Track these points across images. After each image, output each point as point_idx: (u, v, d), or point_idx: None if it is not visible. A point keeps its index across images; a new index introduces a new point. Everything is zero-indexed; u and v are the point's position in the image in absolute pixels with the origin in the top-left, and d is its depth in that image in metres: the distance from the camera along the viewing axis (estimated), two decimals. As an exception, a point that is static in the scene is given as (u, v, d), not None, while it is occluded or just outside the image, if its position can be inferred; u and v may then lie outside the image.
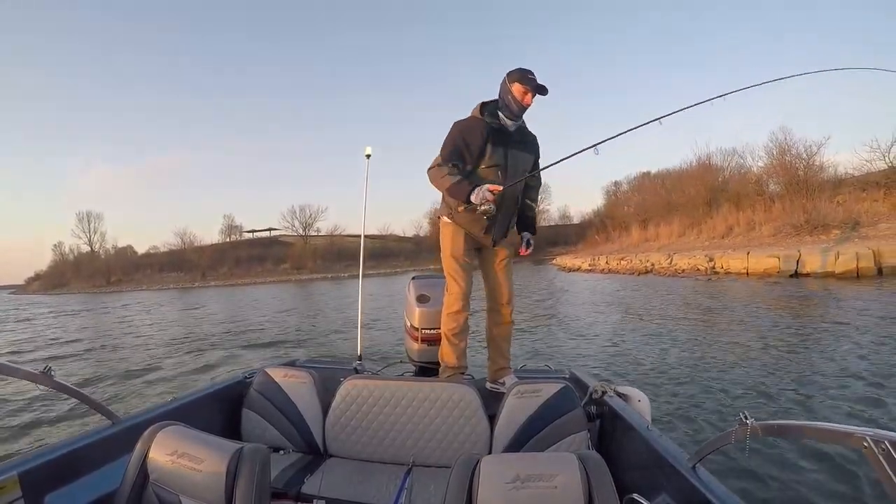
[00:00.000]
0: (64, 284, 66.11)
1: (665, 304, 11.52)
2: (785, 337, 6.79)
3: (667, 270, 20.91)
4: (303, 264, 64.34)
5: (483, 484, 1.09)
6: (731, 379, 4.90)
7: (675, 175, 39.28)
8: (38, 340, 12.59)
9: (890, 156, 22.64)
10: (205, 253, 68.24)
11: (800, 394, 4.32)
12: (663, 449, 1.50)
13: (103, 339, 12.07)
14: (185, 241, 71.67)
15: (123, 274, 66.76)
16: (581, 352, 6.94)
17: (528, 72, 2.15)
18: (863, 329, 6.80)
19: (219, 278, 62.37)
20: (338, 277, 52.36)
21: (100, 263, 68.73)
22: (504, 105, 2.20)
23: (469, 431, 1.92)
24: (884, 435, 0.78)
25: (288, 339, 10.26)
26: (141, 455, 1.26)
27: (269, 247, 71.50)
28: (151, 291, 50.95)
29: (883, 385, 4.33)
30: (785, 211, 22.67)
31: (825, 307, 9.11)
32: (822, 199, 21.70)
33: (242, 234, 78.09)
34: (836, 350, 5.76)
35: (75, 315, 21.27)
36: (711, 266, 18.56)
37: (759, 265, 16.04)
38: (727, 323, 8.36)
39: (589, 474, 1.09)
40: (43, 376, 1.37)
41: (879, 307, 8.42)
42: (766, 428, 1.05)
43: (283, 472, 1.86)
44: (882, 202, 19.99)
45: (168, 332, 12.59)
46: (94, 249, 71.90)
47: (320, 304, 19.63)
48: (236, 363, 7.70)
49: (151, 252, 74.10)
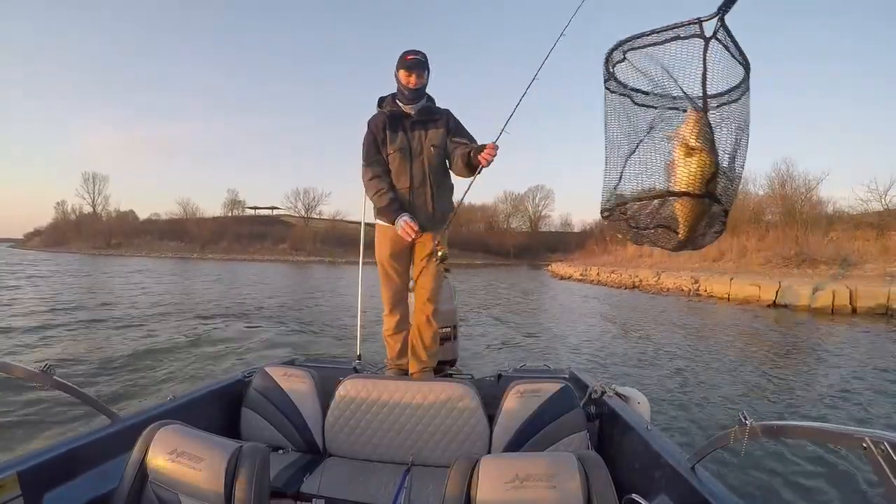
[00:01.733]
0: (64, 243, 66.72)
1: (640, 317, 11.90)
2: (741, 357, 7.15)
3: (653, 287, 21.23)
4: (302, 246, 64.70)
5: (482, 483, 1.09)
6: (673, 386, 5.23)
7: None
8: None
9: (886, 198, 22.95)
10: (206, 225, 68.82)
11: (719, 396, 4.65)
12: (662, 449, 1.50)
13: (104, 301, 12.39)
14: (187, 211, 72.59)
15: (124, 238, 67.31)
16: (544, 346, 7.28)
17: (406, 53, 2.26)
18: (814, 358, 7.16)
19: (217, 252, 62.81)
20: (335, 262, 52.66)
21: (101, 225, 69.58)
22: (399, 93, 2.34)
23: (468, 431, 1.91)
24: (883, 435, 0.78)
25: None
26: (140, 454, 1.26)
27: (270, 225, 71.83)
28: (150, 258, 51.37)
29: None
30: (778, 241, 22.91)
31: (789, 337, 9.46)
32: (816, 234, 21.96)
33: (245, 210, 78.56)
34: (779, 373, 6.10)
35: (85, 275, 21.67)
36: (696, 288, 18.85)
37: (740, 292, 16.32)
38: (694, 338, 8.72)
39: (588, 474, 1.09)
40: (43, 375, 1.36)
41: (836, 343, 8.76)
42: (765, 428, 1.05)
43: (283, 471, 1.85)
44: (873, 243, 20.24)
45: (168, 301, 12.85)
46: (97, 211, 72.81)
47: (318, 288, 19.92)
48: (235, 354, 7.54)
49: (153, 218, 74.94)
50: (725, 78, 1.38)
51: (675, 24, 1.34)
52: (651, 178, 1.46)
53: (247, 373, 2.34)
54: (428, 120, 2.38)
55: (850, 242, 20.50)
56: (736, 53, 1.35)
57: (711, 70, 1.35)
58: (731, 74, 1.38)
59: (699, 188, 1.35)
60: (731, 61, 1.36)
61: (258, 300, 14.60)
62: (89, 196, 72.69)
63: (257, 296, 15.89)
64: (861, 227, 21.87)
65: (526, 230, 72.80)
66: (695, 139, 1.33)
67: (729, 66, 1.37)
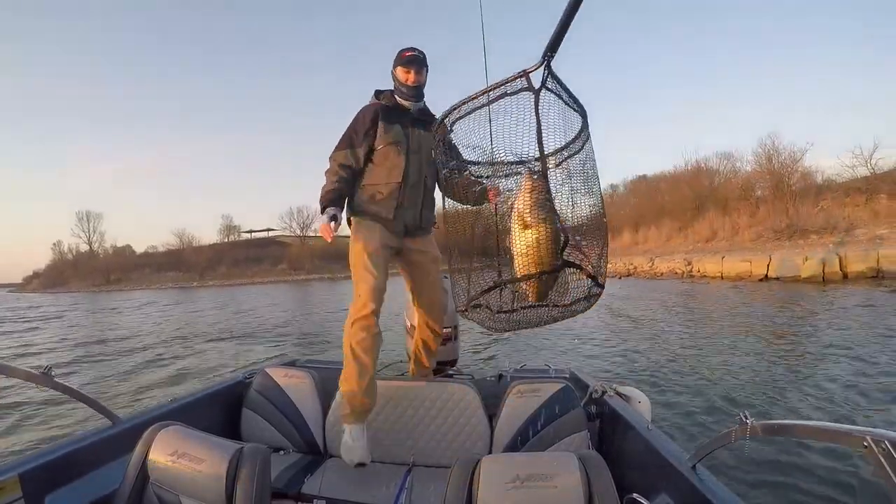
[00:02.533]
0: (63, 283, 66.75)
1: (632, 300, 11.83)
2: (723, 331, 7.18)
3: (647, 273, 21.29)
4: (300, 265, 64.76)
5: (483, 484, 1.09)
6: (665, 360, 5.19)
7: (670, 179, 39.42)
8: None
9: (871, 162, 22.97)
10: (203, 253, 68.88)
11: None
12: (663, 449, 1.50)
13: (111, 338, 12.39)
14: (183, 240, 72.41)
15: (122, 273, 67.35)
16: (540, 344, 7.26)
17: (403, 51, 2.12)
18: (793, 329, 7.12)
19: (217, 278, 62.92)
20: (335, 278, 52.66)
21: (99, 263, 69.54)
22: (397, 90, 2.16)
23: (469, 431, 1.92)
24: (884, 434, 0.78)
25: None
26: (141, 455, 1.26)
27: (266, 247, 71.96)
28: (151, 291, 51.37)
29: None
30: (769, 215, 22.93)
31: (777, 308, 9.45)
32: (806, 205, 21.96)
33: (240, 235, 78.68)
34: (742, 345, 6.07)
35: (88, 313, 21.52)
36: (689, 269, 18.88)
37: (732, 269, 16.33)
38: (685, 318, 8.73)
39: (589, 474, 1.08)
40: (43, 377, 1.36)
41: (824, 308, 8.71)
42: (765, 427, 1.05)
43: (284, 472, 1.85)
44: (863, 208, 20.24)
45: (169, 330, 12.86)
46: (94, 249, 72.77)
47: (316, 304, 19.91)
48: (236, 361, 7.68)
49: (150, 252, 74.86)
50: (563, 130, 1.27)
51: (503, 81, 1.23)
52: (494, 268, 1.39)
53: (247, 374, 2.34)
54: (428, 122, 2.14)
55: (841, 209, 20.51)
56: (570, 101, 1.26)
57: (547, 124, 1.22)
58: (569, 124, 1.27)
59: (547, 265, 1.24)
60: (567, 110, 1.26)
61: (264, 320, 14.52)
62: (84, 234, 72.60)
63: (267, 316, 15.82)
64: (851, 193, 21.87)
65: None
66: (528, 213, 1.21)
67: (565, 115, 1.26)
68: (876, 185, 21.19)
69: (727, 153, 32.98)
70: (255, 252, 70.00)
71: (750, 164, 28.73)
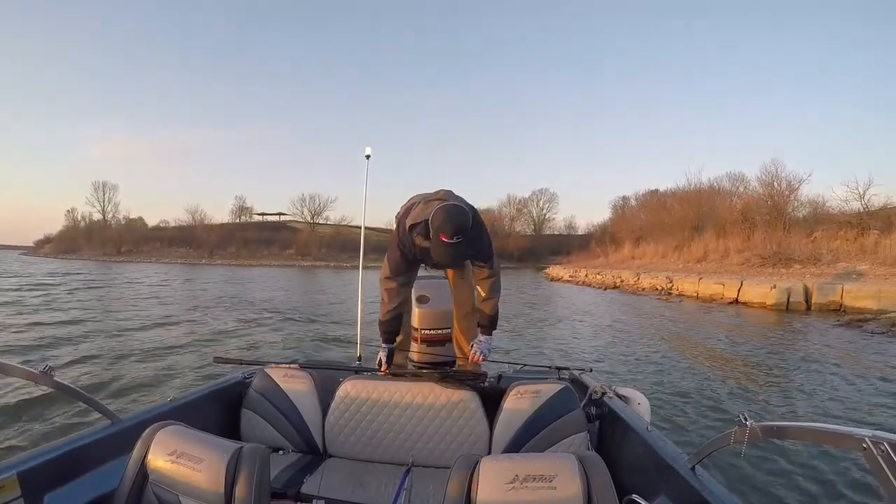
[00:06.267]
0: (75, 250, 68.55)
1: (604, 311, 12.46)
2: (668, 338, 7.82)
3: (631, 287, 21.76)
4: (308, 251, 65.77)
5: (482, 484, 1.09)
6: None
7: (678, 196, 39.40)
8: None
9: (865, 198, 23.06)
10: (214, 231, 70.07)
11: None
12: (663, 450, 1.51)
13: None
14: (195, 217, 73.73)
15: (133, 245, 68.96)
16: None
17: (443, 226, 1.85)
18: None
19: (226, 257, 64.17)
20: (340, 267, 53.80)
21: (111, 233, 70.96)
22: (419, 235, 2.05)
23: (468, 432, 1.92)
24: (883, 436, 0.79)
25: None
26: (140, 455, 1.25)
27: (277, 231, 72.90)
28: (161, 264, 52.77)
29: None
30: (764, 242, 23.16)
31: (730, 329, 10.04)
32: (799, 235, 22.15)
33: (252, 216, 79.95)
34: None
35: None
36: (669, 287, 19.33)
37: (706, 290, 16.82)
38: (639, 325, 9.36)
39: (588, 475, 1.09)
40: (43, 375, 1.35)
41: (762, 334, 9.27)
42: (765, 429, 1.06)
43: (283, 472, 1.86)
44: (852, 243, 20.40)
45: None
46: (107, 219, 74.38)
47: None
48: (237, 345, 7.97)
49: (162, 226, 76.46)
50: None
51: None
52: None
53: (247, 374, 2.33)
54: (457, 245, 2.06)
55: (831, 242, 20.68)
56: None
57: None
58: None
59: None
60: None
61: (272, 302, 15.36)
62: (99, 204, 74.31)
63: (274, 297, 16.77)
64: (844, 227, 22.00)
65: (530, 233, 72.95)
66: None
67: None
68: (868, 222, 21.32)
69: (739, 174, 33.13)
70: (266, 234, 70.95)
71: (754, 190, 28.91)
